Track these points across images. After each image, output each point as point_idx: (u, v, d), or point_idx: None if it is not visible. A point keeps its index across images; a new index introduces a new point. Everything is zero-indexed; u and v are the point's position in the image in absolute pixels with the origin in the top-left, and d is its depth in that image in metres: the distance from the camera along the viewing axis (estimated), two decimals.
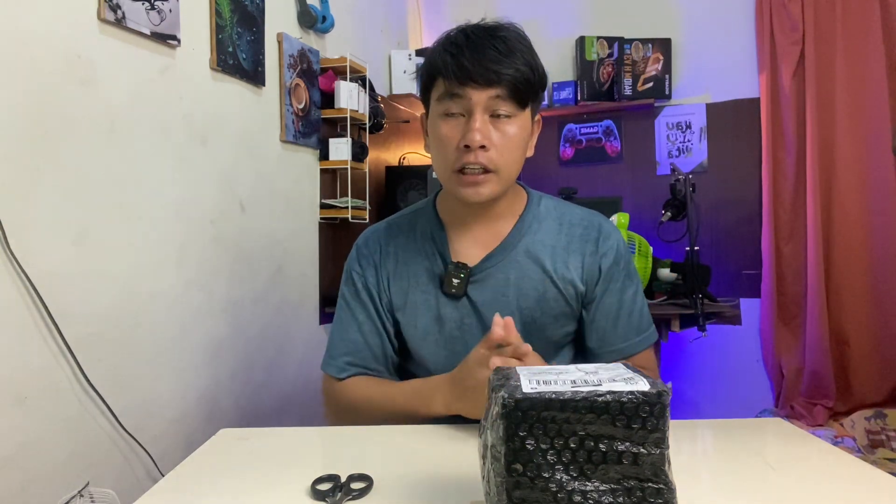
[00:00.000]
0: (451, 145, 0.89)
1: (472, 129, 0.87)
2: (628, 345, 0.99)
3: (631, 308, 0.99)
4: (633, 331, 0.99)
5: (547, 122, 3.23)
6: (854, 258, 2.79)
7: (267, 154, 1.92)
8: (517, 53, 0.87)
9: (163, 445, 1.44)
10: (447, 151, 0.90)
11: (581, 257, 0.98)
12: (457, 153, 0.89)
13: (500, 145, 0.89)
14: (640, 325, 1.00)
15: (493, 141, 0.88)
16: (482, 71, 0.85)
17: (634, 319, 1.00)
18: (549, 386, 0.48)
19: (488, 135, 0.88)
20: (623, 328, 0.99)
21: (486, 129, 0.88)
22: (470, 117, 0.88)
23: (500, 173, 0.90)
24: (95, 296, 1.28)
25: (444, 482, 0.67)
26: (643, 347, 1.00)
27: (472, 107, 0.87)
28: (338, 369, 1.00)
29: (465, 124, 0.88)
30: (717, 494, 0.65)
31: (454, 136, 0.89)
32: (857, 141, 2.78)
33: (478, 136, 0.87)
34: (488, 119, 0.88)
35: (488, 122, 0.88)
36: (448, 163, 0.91)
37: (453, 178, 0.91)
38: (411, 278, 1.00)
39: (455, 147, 0.89)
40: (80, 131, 1.25)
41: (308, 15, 2.09)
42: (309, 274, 2.17)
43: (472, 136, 0.87)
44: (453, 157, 0.90)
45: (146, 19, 1.40)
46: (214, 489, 0.68)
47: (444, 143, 0.90)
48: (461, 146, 0.88)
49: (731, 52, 3.01)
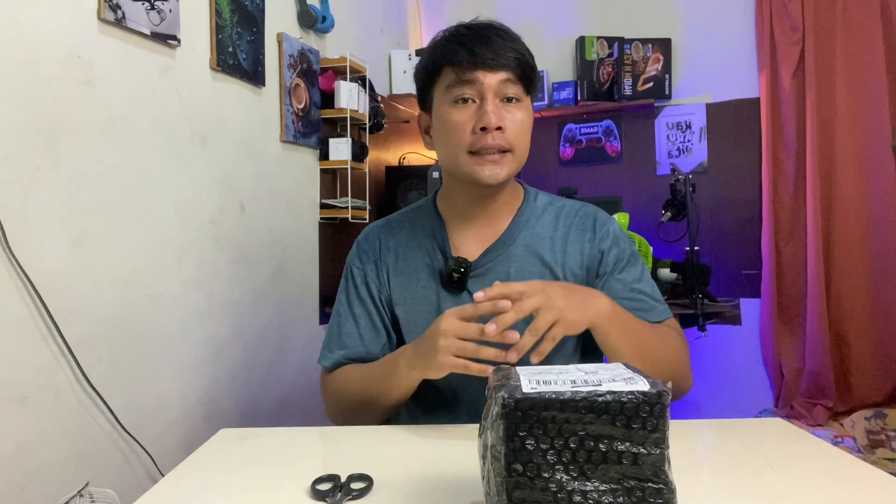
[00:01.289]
0: (465, 130, 0.91)
1: (488, 112, 0.89)
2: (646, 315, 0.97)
3: (640, 283, 0.99)
4: (649, 302, 0.98)
5: (547, 122, 3.23)
6: (854, 258, 2.78)
7: (267, 154, 1.92)
8: (516, 42, 0.92)
9: (163, 445, 1.44)
10: (461, 135, 0.91)
11: (580, 245, 1.00)
12: (472, 136, 0.91)
13: (513, 127, 0.91)
14: (654, 295, 1.00)
15: (506, 123, 0.91)
16: (492, 55, 0.89)
17: (647, 292, 0.99)
18: (549, 386, 0.48)
19: (502, 117, 0.90)
20: (637, 301, 0.97)
21: (499, 111, 0.90)
22: (483, 101, 0.90)
23: (515, 153, 0.93)
24: (95, 296, 1.28)
25: (444, 482, 0.67)
26: (664, 317, 0.99)
27: (485, 91, 0.90)
28: (332, 362, 1.01)
29: (479, 108, 0.90)
30: (717, 494, 0.65)
31: (467, 121, 0.91)
32: (857, 141, 2.78)
33: (494, 118, 0.89)
34: (500, 103, 0.91)
35: (500, 105, 0.91)
36: (461, 147, 0.92)
37: (468, 160, 0.92)
38: (412, 273, 1.01)
39: (469, 131, 0.91)
40: (80, 131, 1.25)
41: (308, 15, 2.09)
42: (309, 274, 2.17)
43: (488, 117, 0.89)
44: (468, 140, 0.91)
45: (146, 19, 1.40)
46: (214, 489, 0.68)
47: (455, 128, 0.92)
48: (477, 129, 0.90)
49: (731, 52, 3.01)
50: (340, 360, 1.01)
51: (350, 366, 1.01)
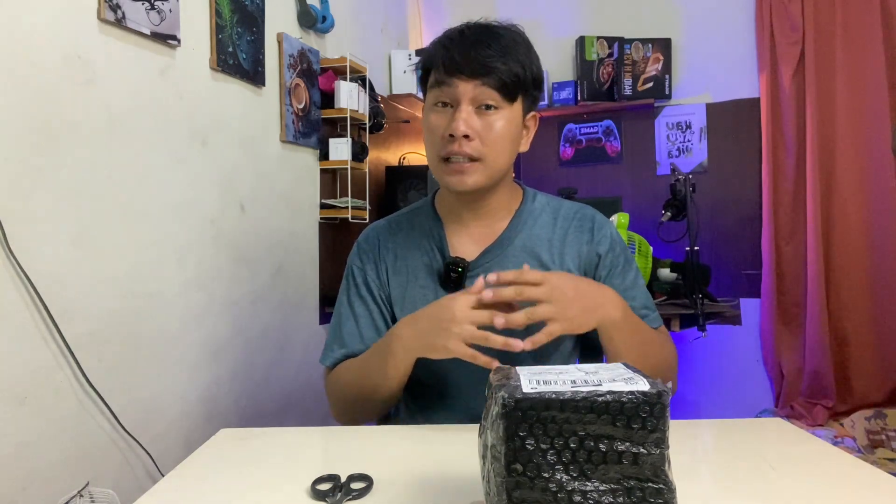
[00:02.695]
0: (438, 134, 0.92)
1: (457, 119, 0.89)
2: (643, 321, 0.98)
3: (633, 289, 1.00)
4: (641, 309, 0.99)
5: (547, 122, 3.23)
6: (854, 258, 2.78)
7: (267, 154, 1.92)
8: (510, 51, 0.89)
9: (163, 445, 1.44)
10: (435, 140, 0.93)
11: (577, 247, 1.00)
12: (442, 142, 0.91)
13: (485, 136, 0.90)
14: (646, 303, 1.01)
15: (477, 131, 0.90)
16: (469, 62, 0.88)
17: (640, 300, 1.00)
18: (549, 386, 0.48)
19: (473, 125, 0.90)
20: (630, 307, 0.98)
21: (470, 120, 0.90)
22: (456, 108, 0.90)
23: (485, 162, 0.91)
24: (95, 296, 1.28)
25: (444, 482, 0.67)
26: (654, 326, 1.00)
27: (459, 97, 0.90)
28: (333, 360, 1.01)
29: (452, 114, 0.91)
30: (717, 494, 0.65)
31: (441, 126, 0.91)
32: (857, 141, 2.78)
33: (462, 126, 0.89)
34: (474, 110, 0.90)
35: (474, 112, 0.90)
36: (435, 151, 0.93)
37: (440, 166, 0.93)
38: (410, 273, 1.01)
39: (441, 136, 0.91)
40: (80, 131, 1.25)
41: (308, 15, 2.09)
42: (309, 274, 2.17)
43: (455, 125, 0.89)
44: (439, 146, 0.92)
45: (146, 19, 1.40)
46: (214, 489, 0.68)
47: (432, 132, 0.93)
48: (446, 135, 0.90)
49: (731, 52, 3.01)
50: (341, 359, 1.01)
51: (347, 360, 1.01)
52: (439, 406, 1.00)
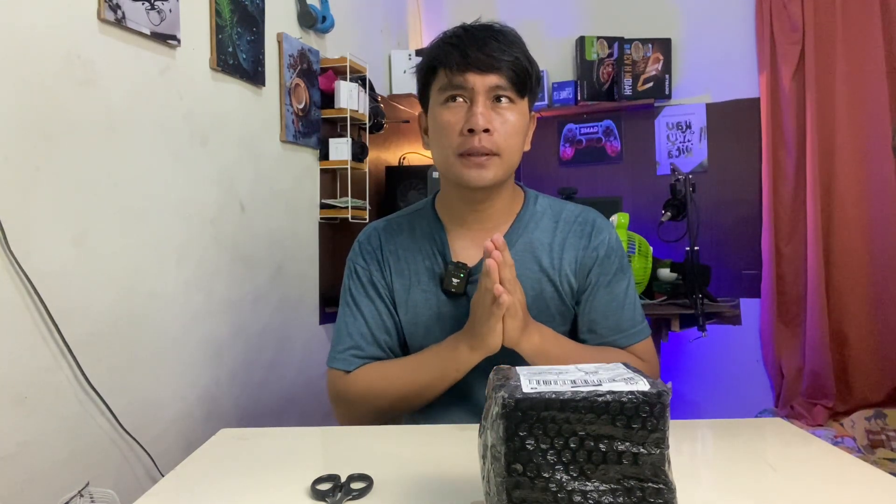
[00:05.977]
0: (455, 130, 0.91)
1: (476, 114, 0.89)
2: (621, 336, 0.99)
3: (623, 301, 1.00)
4: (626, 322, 0.99)
5: (547, 122, 3.23)
6: (854, 258, 2.78)
7: (267, 154, 1.92)
8: (514, 45, 0.92)
9: (163, 445, 1.44)
10: (450, 137, 0.92)
11: (575, 252, 1.00)
12: (460, 138, 0.91)
13: (502, 130, 0.91)
14: (633, 317, 1.00)
15: (495, 126, 0.90)
16: (483, 58, 0.89)
17: (627, 312, 1.00)
18: (549, 386, 0.48)
19: (491, 119, 0.90)
20: (614, 320, 0.99)
21: (488, 114, 0.90)
22: (473, 103, 0.90)
23: (503, 156, 0.92)
24: (95, 296, 1.28)
25: (444, 482, 0.67)
26: (636, 340, 1.00)
27: (475, 93, 0.90)
28: (345, 363, 0.99)
29: (468, 110, 0.90)
30: (717, 494, 0.65)
31: (457, 122, 0.91)
32: (857, 141, 2.78)
33: (482, 120, 0.89)
34: (490, 104, 0.91)
35: (490, 107, 0.91)
36: (451, 147, 0.92)
37: (457, 162, 0.92)
38: (412, 276, 1.01)
39: (458, 132, 0.91)
40: (80, 131, 1.25)
41: (308, 15, 2.09)
42: (309, 274, 2.17)
43: (475, 119, 0.89)
44: (457, 142, 0.91)
45: (146, 19, 1.39)
46: (214, 489, 0.68)
47: (446, 129, 0.92)
48: (465, 131, 0.90)
49: (730, 52, 3.01)
50: (353, 360, 0.99)
51: (379, 363, 0.99)
52: (440, 406, 0.99)
